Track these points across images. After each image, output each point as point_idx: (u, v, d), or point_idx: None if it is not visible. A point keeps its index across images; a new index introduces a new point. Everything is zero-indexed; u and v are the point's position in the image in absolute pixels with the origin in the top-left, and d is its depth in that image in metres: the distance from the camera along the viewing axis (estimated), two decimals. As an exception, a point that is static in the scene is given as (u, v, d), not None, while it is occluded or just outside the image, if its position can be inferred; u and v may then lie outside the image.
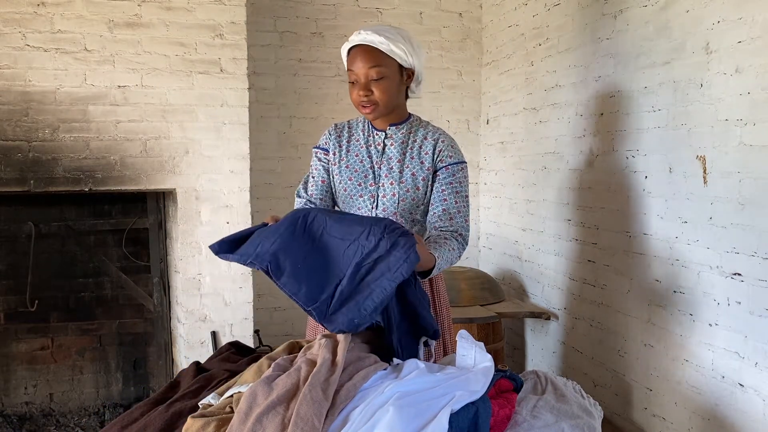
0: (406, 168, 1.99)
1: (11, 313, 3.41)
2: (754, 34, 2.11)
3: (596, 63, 2.97)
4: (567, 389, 1.65)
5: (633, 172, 2.74)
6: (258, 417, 1.33)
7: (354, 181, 2.01)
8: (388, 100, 1.94)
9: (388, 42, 1.88)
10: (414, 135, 2.03)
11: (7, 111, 2.83)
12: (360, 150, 2.04)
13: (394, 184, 1.98)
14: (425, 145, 2.00)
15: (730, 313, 2.26)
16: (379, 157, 2.01)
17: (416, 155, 2.00)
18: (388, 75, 1.91)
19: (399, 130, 2.03)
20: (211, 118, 3.08)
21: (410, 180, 1.98)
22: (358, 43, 1.91)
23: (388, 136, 2.02)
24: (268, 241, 1.50)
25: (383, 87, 1.91)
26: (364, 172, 2.01)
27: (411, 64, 1.95)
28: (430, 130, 2.04)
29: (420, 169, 1.98)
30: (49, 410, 3.52)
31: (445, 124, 4.15)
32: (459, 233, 1.93)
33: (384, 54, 1.89)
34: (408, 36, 1.95)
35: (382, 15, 3.98)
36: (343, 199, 2.05)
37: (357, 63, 1.91)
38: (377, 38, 1.88)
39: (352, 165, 2.02)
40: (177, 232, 3.12)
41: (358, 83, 1.92)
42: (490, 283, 3.52)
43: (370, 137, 2.04)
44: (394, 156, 2.00)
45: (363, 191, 2.00)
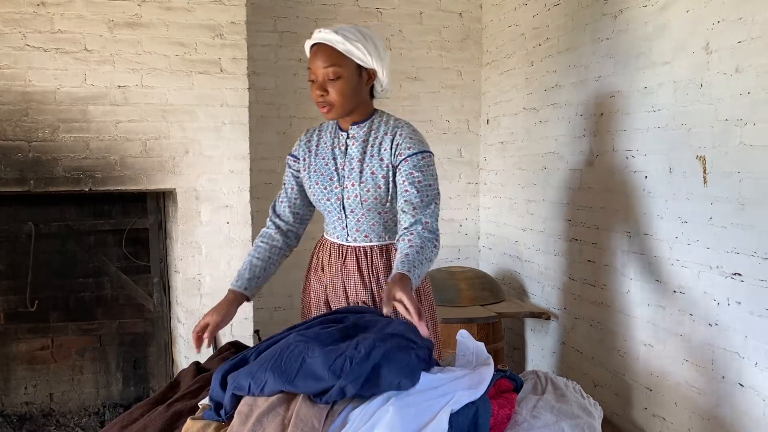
0: (366, 167, 1.95)
1: (11, 313, 3.41)
2: (754, 34, 2.11)
3: (596, 63, 2.97)
4: (567, 389, 1.65)
5: (633, 172, 2.74)
6: (258, 418, 1.33)
7: (321, 185, 2.00)
8: (344, 101, 1.89)
9: (345, 42, 1.85)
10: (375, 132, 1.98)
11: (7, 111, 2.83)
12: (326, 153, 2.02)
13: (355, 185, 1.95)
14: (384, 141, 1.95)
15: (730, 313, 2.26)
16: (343, 158, 1.99)
17: (376, 153, 1.95)
18: (345, 75, 1.87)
19: (360, 129, 1.99)
20: (211, 118, 3.08)
21: (370, 179, 1.94)
22: (317, 42, 1.89)
23: (350, 135, 2.00)
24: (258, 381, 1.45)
25: (338, 87, 1.87)
26: (330, 174, 2.00)
27: (370, 64, 1.89)
28: (391, 124, 1.98)
29: (379, 167, 1.94)
30: (49, 410, 3.52)
31: (445, 124, 4.15)
32: (425, 228, 1.83)
33: (341, 54, 1.86)
34: (371, 36, 1.90)
35: (382, 15, 3.98)
36: (316, 204, 2.06)
37: (315, 62, 1.89)
38: (335, 37, 1.85)
39: (319, 169, 2.01)
40: (177, 232, 3.12)
41: (316, 82, 1.89)
42: (490, 283, 3.52)
43: (335, 138, 2.03)
44: (356, 156, 1.97)
45: (329, 194, 1.99)
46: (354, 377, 1.33)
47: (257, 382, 1.41)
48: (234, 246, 3.14)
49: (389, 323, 1.61)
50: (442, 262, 4.13)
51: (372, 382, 1.35)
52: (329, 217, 2.04)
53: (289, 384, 1.38)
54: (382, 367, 1.36)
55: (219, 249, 3.13)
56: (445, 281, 3.43)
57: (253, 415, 1.35)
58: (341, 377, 1.34)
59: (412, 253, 1.76)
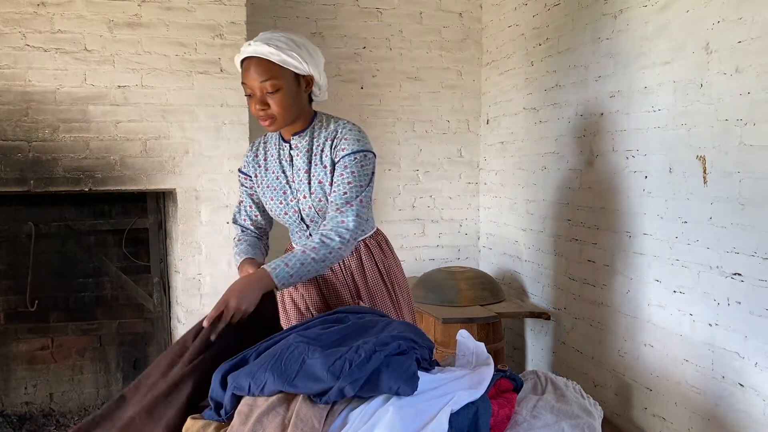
0: (313, 177, 1.92)
1: (11, 313, 3.41)
2: (754, 34, 2.11)
3: (596, 63, 2.97)
4: (567, 389, 1.65)
5: (633, 172, 2.74)
6: (258, 417, 1.33)
7: (276, 200, 1.99)
8: (286, 113, 1.85)
9: (279, 52, 1.78)
10: (317, 140, 1.94)
11: (7, 111, 2.83)
12: (275, 166, 1.99)
13: (307, 197, 1.93)
14: (326, 147, 1.92)
15: (730, 313, 2.26)
16: (291, 171, 1.97)
17: (319, 161, 1.92)
18: (283, 86, 1.82)
19: (302, 138, 1.94)
20: (211, 118, 3.08)
21: (318, 189, 1.91)
22: (249, 55, 1.81)
23: (292, 146, 1.96)
24: (258, 381, 1.45)
25: (278, 100, 1.82)
26: (282, 188, 1.98)
27: (307, 71, 1.85)
28: (332, 128, 1.93)
29: (324, 175, 1.91)
30: (49, 410, 3.52)
31: (445, 124, 4.15)
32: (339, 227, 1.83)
33: (276, 65, 1.80)
34: (302, 42, 1.85)
35: (382, 15, 3.99)
36: (275, 218, 2.05)
37: (250, 76, 1.82)
38: (267, 49, 1.78)
39: (271, 184, 1.99)
40: (177, 232, 3.12)
41: (254, 97, 1.83)
42: (490, 283, 3.52)
43: (280, 150, 1.99)
44: (302, 167, 1.94)
45: (286, 208, 1.98)
46: (353, 379, 1.33)
47: (257, 383, 1.41)
48: (231, 247, 3.14)
49: (389, 324, 1.61)
50: (442, 262, 4.14)
51: (371, 384, 1.35)
52: (291, 228, 2.04)
53: (289, 384, 1.38)
54: (382, 372, 1.36)
55: (219, 249, 3.13)
56: (445, 281, 3.43)
57: (253, 415, 1.35)
58: (340, 378, 1.34)
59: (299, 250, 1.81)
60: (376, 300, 2.04)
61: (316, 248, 1.80)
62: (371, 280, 2.03)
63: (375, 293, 2.04)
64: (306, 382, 1.37)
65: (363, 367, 1.35)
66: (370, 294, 2.03)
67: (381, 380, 1.35)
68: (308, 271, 1.80)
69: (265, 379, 1.40)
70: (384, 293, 2.05)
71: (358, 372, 1.34)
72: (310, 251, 1.80)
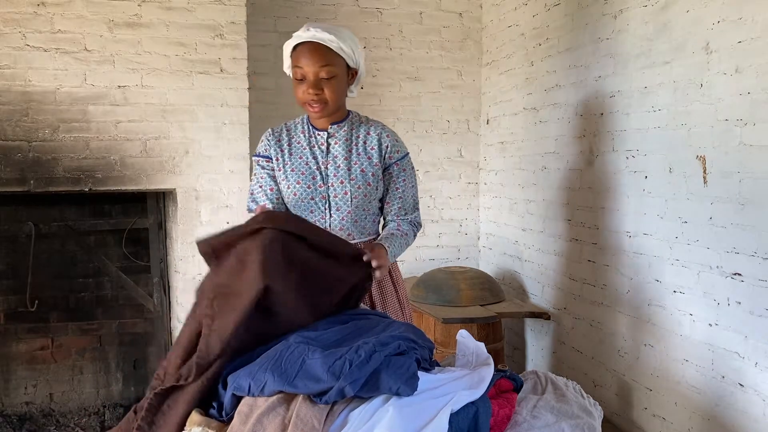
0: (354, 165, 1.99)
1: (11, 313, 3.41)
2: (754, 34, 2.11)
3: (596, 63, 2.97)
4: (567, 389, 1.65)
5: (633, 172, 2.74)
6: (258, 418, 1.33)
7: (303, 184, 1.99)
8: (337, 99, 1.92)
9: (339, 41, 1.86)
10: (356, 131, 2.03)
11: (7, 111, 2.83)
12: (303, 152, 2.01)
13: (344, 182, 1.97)
14: (369, 141, 2.01)
15: (730, 313, 2.26)
16: (325, 157, 2.00)
17: (362, 151, 2.00)
18: (338, 74, 1.90)
19: (341, 128, 2.02)
20: (211, 118, 3.08)
21: (360, 176, 1.98)
22: (307, 40, 1.87)
23: (330, 134, 2.01)
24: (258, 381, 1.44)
25: (333, 86, 1.89)
26: (311, 174, 1.99)
27: (357, 63, 1.94)
28: (371, 125, 2.05)
29: (369, 165, 2.00)
30: (49, 410, 3.52)
31: (445, 124, 4.15)
32: (417, 221, 2.11)
33: (334, 53, 1.87)
34: (352, 35, 1.93)
35: (382, 15, 3.99)
36: (294, 204, 2.02)
37: (306, 60, 1.87)
38: (328, 36, 1.85)
39: (298, 168, 2.00)
40: (177, 232, 3.12)
41: (307, 81, 1.88)
42: (490, 283, 3.52)
43: (312, 138, 2.02)
44: (340, 154, 1.99)
45: (314, 194, 1.99)
46: (353, 379, 1.33)
47: (257, 383, 1.41)
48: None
49: (389, 324, 1.61)
50: (442, 262, 4.14)
51: (371, 385, 1.35)
52: (310, 216, 2.03)
53: (289, 384, 1.38)
54: (382, 372, 1.36)
55: (219, 249, 3.12)
56: (445, 281, 3.43)
57: (253, 415, 1.35)
58: (340, 378, 1.34)
59: (398, 235, 1.99)
60: (386, 301, 2.08)
61: (408, 234, 2.03)
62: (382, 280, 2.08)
63: (385, 295, 2.08)
64: (306, 382, 1.37)
65: (363, 368, 1.35)
66: (382, 294, 2.08)
67: (381, 380, 1.35)
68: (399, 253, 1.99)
69: (265, 380, 1.40)
70: (393, 293, 2.10)
71: (358, 372, 1.34)
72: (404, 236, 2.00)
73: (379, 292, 2.08)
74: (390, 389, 1.34)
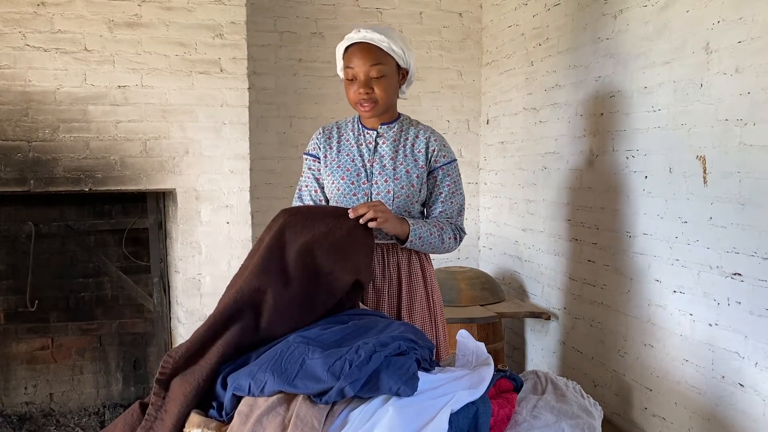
0: (399, 165, 2.00)
1: (11, 313, 3.41)
2: (754, 34, 2.11)
3: (596, 63, 2.97)
4: (567, 389, 1.65)
5: (633, 172, 2.74)
6: (258, 418, 1.33)
7: (347, 180, 2.01)
8: (388, 99, 1.96)
9: (389, 41, 1.90)
10: (405, 133, 2.05)
11: (7, 111, 2.83)
12: (351, 149, 2.04)
13: (388, 181, 1.99)
14: (417, 143, 2.03)
15: (730, 313, 2.26)
16: (371, 155, 2.02)
17: (409, 153, 2.02)
18: (388, 74, 1.94)
19: (390, 129, 2.05)
20: (211, 118, 3.08)
21: (404, 176, 1.99)
22: (358, 41, 1.92)
23: (379, 134, 2.04)
24: (258, 381, 1.45)
25: (384, 85, 1.93)
26: (356, 170, 2.01)
27: (407, 62, 1.98)
28: (421, 128, 2.07)
29: (414, 167, 2.01)
30: (49, 410, 3.52)
31: (445, 124, 4.15)
32: (459, 228, 2.07)
33: (384, 52, 1.92)
34: (403, 37, 1.99)
35: (382, 15, 3.98)
36: (337, 199, 2.04)
37: (357, 60, 1.92)
38: (378, 36, 1.90)
39: (344, 164, 2.03)
40: (177, 232, 3.12)
41: (358, 81, 1.93)
42: (490, 283, 3.52)
43: (360, 136, 2.05)
44: (387, 154, 2.01)
45: (356, 189, 2.00)
46: (353, 379, 1.33)
47: (257, 383, 1.41)
48: (234, 246, 3.15)
49: (389, 324, 1.61)
50: (442, 262, 4.14)
51: (371, 385, 1.35)
52: None
53: (289, 384, 1.38)
54: (382, 372, 1.36)
55: (219, 249, 3.13)
56: (445, 281, 3.43)
57: (253, 415, 1.35)
58: (340, 378, 1.34)
59: (431, 224, 1.98)
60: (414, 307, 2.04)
61: (444, 231, 2.00)
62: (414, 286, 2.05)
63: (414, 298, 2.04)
64: (306, 382, 1.37)
65: (363, 368, 1.35)
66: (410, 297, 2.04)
67: (381, 380, 1.35)
68: (428, 244, 1.97)
69: (265, 380, 1.40)
70: (423, 298, 2.06)
71: (358, 372, 1.34)
72: (440, 231, 1.98)
73: (408, 293, 2.02)
74: (390, 389, 1.34)
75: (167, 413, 1.47)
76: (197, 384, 1.48)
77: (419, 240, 1.94)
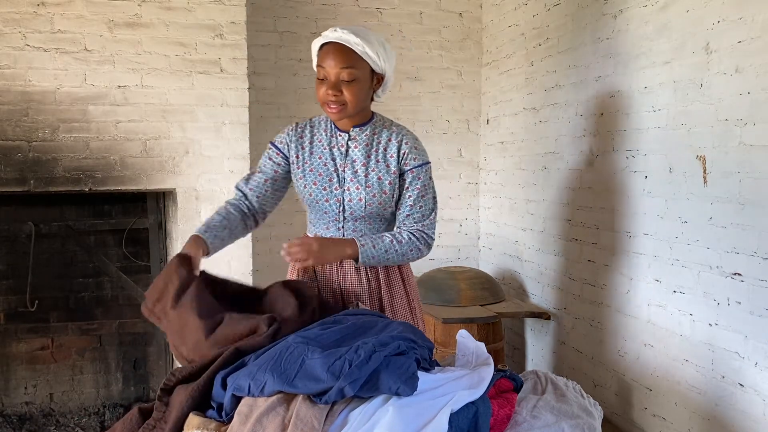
0: (371, 171, 1.95)
1: (11, 313, 3.41)
2: (754, 34, 2.11)
3: (596, 63, 2.97)
4: (567, 389, 1.65)
5: (633, 172, 2.74)
6: (258, 418, 1.33)
7: (319, 185, 1.97)
8: (357, 103, 1.89)
9: (365, 44, 1.83)
10: (378, 137, 1.98)
11: (7, 111, 2.83)
12: (323, 152, 1.99)
13: (360, 188, 1.94)
14: (390, 148, 1.97)
15: (730, 313, 2.26)
16: (343, 160, 1.97)
17: (381, 158, 1.96)
18: (360, 78, 1.86)
19: (362, 132, 1.98)
20: (211, 118, 3.08)
21: (376, 184, 1.94)
22: (332, 40, 1.85)
23: (351, 137, 1.98)
24: (258, 381, 1.45)
25: (354, 90, 1.86)
26: (329, 175, 1.97)
27: (383, 69, 1.90)
28: (394, 131, 2.00)
29: (386, 173, 1.95)
30: (49, 410, 3.52)
31: (445, 124, 4.15)
32: (423, 233, 1.96)
33: (358, 56, 1.85)
34: (382, 41, 1.91)
35: (382, 15, 3.98)
36: (310, 204, 2.01)
37: (329, 61, 1.85)
38: (354, 39, 1.82)
39: (316, 168, 1.98)
40: (177, 232, 3.12)
41: (328, 81, 1.86)
42: (490, 283, 3.52)
43: (333, 138, 1.99)
44: (359, 159, 1.96)
45: (329, 195, 1.96)
46: (353, 379, 1.33)
47: (257, 383, 1.41)
48: (234, 246, 3.13)
49: (389, 324, 1.61)
50: (442, 262, 4.14)
51: (371, 384, 1.35)
52: (324, 217, 2.01)
53: (289, 385, 1.38)
54: (382, 372, 1.36)
55: (219, 249, 3.12)
56: (445, 281, 3.43)
57: (253, 415, 1.35)
58: (340, 378, 1.34)
59: (388, 239, 1.91)
60: (395, 304, 2.04)
61: (403, 242, 1.92)
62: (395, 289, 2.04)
63: (394, 297, 2.05)
64: (306, 382, 1.37)
65: (363, 368, 1.35)
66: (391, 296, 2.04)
67: (381, 380, 1.35)
68: (388, 259, 1.91)
69: (264, 380, 1.40)
70: (403, 296, 2.06)
71: (357, 372, 1.34)
72: (397, 243, 1.91)
73: (389, 293, 2.03)
74: (390, 389, 1.34)
75: (167, 423, 1.48)
76: (196, 388, 1.49)
77: (372, 259, 1.89)
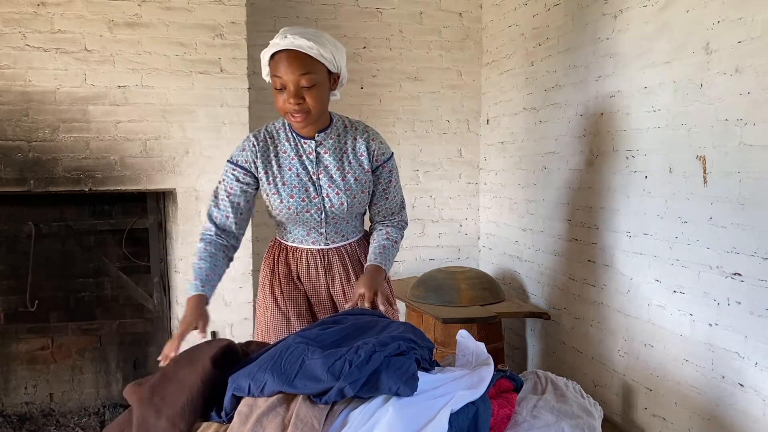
0: (347, 174, 1.95)
1: (11, 313, 3.41)
2: (754, 34, 2.11)
3: (596, 63, 2.97)
4: (567, 389, 1.65)
5: (633, 172, 2.74)
6: (258, 418, 1.33)
7: (297, 198, 1.93)
8: (320, 107, 1.85)
9: (319, 47, 1.77)
10: (343, 138, 1.97)
11: (7, 111, 2.83)
12: (292, 163, 1.94)
13: (340, 193, 1.94)
14: (358, 147, 1.97)
15: (730, 313, 2.26)
16: (315, 168, 1.94)
17: (353, 159, 1.96)
18: (319, 81, 1.81)
19: (328, 136, 1.95)
20: (211, 118, 3.08)
21: (354, 185, 1.95)
22: (284, 48, 1.77)
23: (318, 143, 1.94)
24: (258, 381, 1.44)
25: (315, 94, 1.80)
26: (304, 186, 1.93)
27: (338, 67, 1.87)
28: (358, 131, 2.00)
29: (361, 173, 1.97)
30: (49, 410, 3.52)
31: (445, 124, 4.15)
32: (402, 221, 2.11)
33: (314, 60, 1.78)
34: (331, 38, 1.86)
35: (382, 15, 3.98)
36: (288, 217, 1.97)
37: (285, 69, 1.77)
38: (306, 43, 1.76)
39: (289, 181, 1.93)
40: (177, 232, 3.12)
41: (288, 90, 1.79)
42: (490, 283, 3.52)
43: (299, 147, 1.95)
44: (331, 164, 1.94)
45: (309, 206, 1.94)
46: (353, 379, 1.33)
47: (257, 383, 1.41)
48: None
49: (389, 324, 1.61)
50: (442, 262, 4.14)
51: (371, 385, 1.35)
52: (303, 226, 2.00)
53: (289, 385, 1.38)
54: (382, 372, 1.36)
55: (219, 249, 3.12)
56: (445, 281, 3.43)
57: (253, 416, 1.35)
58: (340, 379, 1.34)
59: (389, 245, 2.00)
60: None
61: (397, 240, 2.04)
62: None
63: None
64: (306, 382, 1.37)
65: (363, 368, 1.35)
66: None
67: (381, 381, 1.35)
68: (393, 261, 2.03)
69: (264, 380, 1.40)
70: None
71: (357, 372, 1.34)
72: (395, 243, 2.03)
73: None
74: (390, 389, 1.34)
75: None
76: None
77: (389, 267, 2.01)
